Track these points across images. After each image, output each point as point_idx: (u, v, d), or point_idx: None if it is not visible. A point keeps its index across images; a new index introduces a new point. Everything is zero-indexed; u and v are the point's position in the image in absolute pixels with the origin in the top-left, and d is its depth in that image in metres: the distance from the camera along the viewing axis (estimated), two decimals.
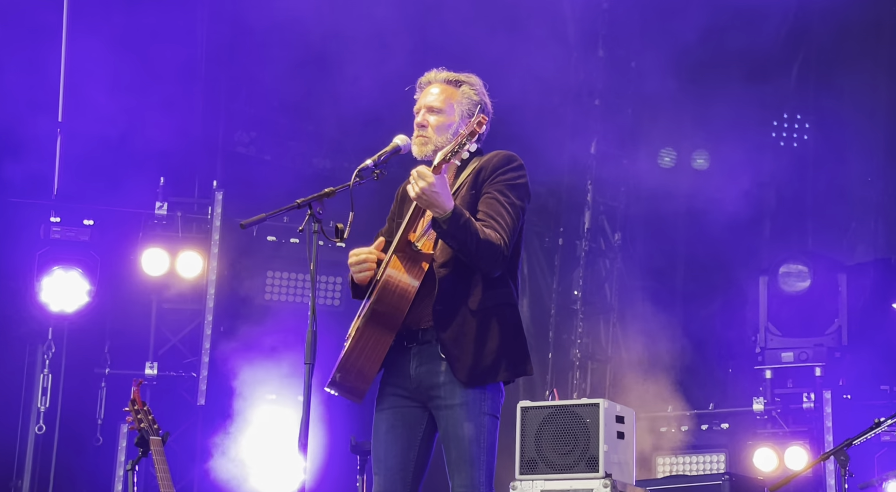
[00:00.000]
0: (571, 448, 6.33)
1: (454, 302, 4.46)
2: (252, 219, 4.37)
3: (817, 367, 9.37)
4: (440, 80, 4.68)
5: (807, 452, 9.14)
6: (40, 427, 8.76)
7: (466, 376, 4.43)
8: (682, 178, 10.71)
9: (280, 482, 9.28)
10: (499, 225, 4.43)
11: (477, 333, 4.45)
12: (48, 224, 8.89)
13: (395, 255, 4.47)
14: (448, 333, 4.44)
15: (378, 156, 4.48)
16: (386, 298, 4.42)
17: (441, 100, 4.62)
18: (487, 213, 4.46)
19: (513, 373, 4.54)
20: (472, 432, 4.43)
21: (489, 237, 4.38)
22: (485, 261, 4.40)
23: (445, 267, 4.48)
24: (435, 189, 4.26)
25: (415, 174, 4.31)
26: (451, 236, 4.33)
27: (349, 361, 4.45)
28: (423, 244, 4.49)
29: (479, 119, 4.31)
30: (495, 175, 4.54)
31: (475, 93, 4.66)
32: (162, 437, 6.23)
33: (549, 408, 6.48)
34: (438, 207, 4.29)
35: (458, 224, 4.31)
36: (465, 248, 4.36)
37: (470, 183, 4.56)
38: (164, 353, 9.15)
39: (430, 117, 4.60)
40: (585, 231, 10.89)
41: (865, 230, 10.22)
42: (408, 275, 4.43)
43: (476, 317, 4.46)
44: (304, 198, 4.30)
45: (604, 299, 10.90)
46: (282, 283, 9.67)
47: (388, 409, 4.57)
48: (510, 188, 4.52)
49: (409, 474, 4.55)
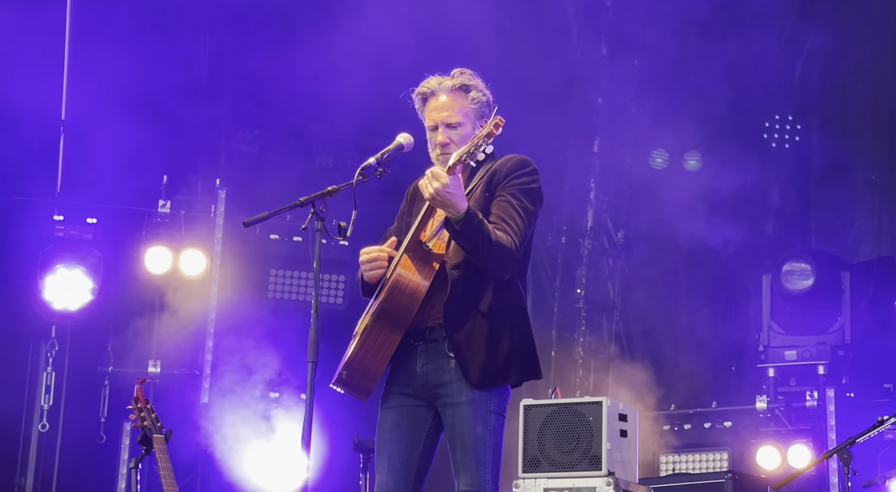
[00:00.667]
0: (574, 446, 6.34)
1: (466, 304, 4.47)
2: (255, 217, 4.37)
3: (820, 365, 9.37)
4: (446, 89, 4.63)
5: (810, 450, 9.14)
6: (44, 425, 8.77)
7: (478, 378, 4.43)
8: (684, 175, 10.71)
9: (283, 480, 9.28)
10: (510, 228, 4.43)
11: (488, 336, 4.45)
12: (52, 222, 8.90)
13: (406, 254, 4.47)
14: (460, 334, 4.45)
15: (381, 154, 4.47)
16: (395, 298, 4.42)
17: (456, 112, 4.59)
18: (500, 216, 4.46)
19: (523, 376, 4.55)
20: (478, 430, 4.44)
21: (500, 240, 4.38)
22: (495, 263, 4.40)
23: (458, 269, 4.48)
24: (449, 190, 4.25)
25: (429, 174, 4.29)
26: (463, 237, 4.33)
27: (356, 360, 4.45)
28: (435, 244, 4.48)
29: (497, 121, 4.28)
30: (509, 179, 4.54)
31: (482, 95, 4.65)
32: (165, 435, 6.23)
33: (552, 406, 6.48)
34: (452, 207, 4.28)
35: (471, 225, 4.30)
36: (476, 249, 4.35)
37: (484, 185, 4.56)
38: (167, 351, 9.15)
39: (452, 134, 4.58)
40: (588, 229, 10.89)
41: (869, 228, 10.22)
42: (418, 275, 4.43)
43: (487, 319, 4.46)
44: (307, 196, 4.30)
45: (606, 297, 10.89)
46: (285, 281, 9.67)
47: (394, 407, 4.57)
48: (523, 192, 4.53)
49: (412, 473, 4.55)
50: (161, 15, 9.17)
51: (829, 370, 9.35)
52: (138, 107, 9.10)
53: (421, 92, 4.68)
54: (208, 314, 9.17)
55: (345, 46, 9.26)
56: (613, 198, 10.99)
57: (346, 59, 9.24)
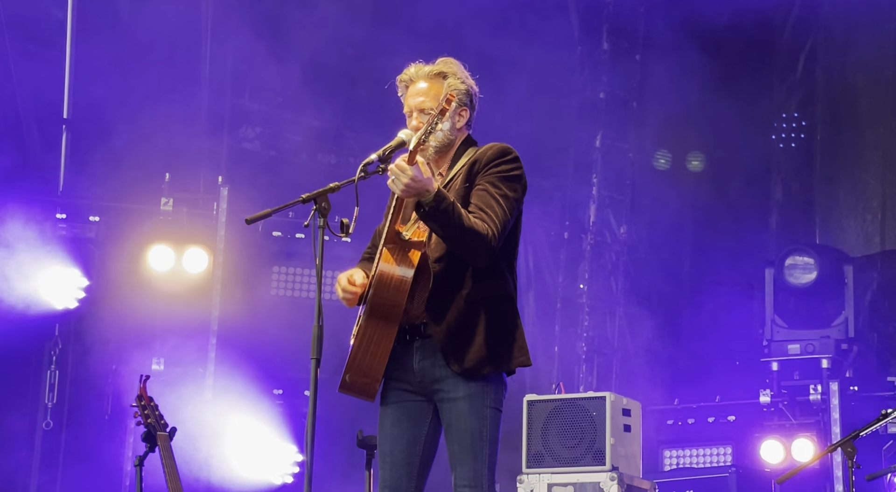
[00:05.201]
0: (578, 441, 6.34)
1: (448, 294, 4.46)
2: (257, 214, 4.36)
3: (824, 359, 9.37)
4: (423, 75, 4.63)
5: (814, 444, 9.14)
6: (48, 423, 8.78)
7: (460, 366, 4.43)
8: (687, 171, 10.70)
9: (287, 477, 9.29)
10: (488, 216, 4.41)
11: (470, 325, 4.44)
12: (54, 221, 8.91)
13: (386, 247, 4.47)
14: (442, 325, 4.44)
15: (383, 151, 4.46)
16: (382, 293, 4.42)
17: (430, 98, 4.58)
18: (477, 205, 4.44)
19: (508, 364, 4.53)
20: (474, 424, 4.43)
21: (475, 226, 4.36)
22: (470, 250, 4.38)
23: (440, 262, 4.48)
24: (417, 178, 4.26)
25: (394, 170, 4.29)
26: (432, 219, 4.31)
27: (356, 361, 4.45)
28: (414, 233, 4.49)
29: (448, 96, 4.30)
30: (489, 167, 4.52)
31: (461, 82, 4.64)
32: (169, 432, 6.24)
33: (555, 401, 6.49)
34: (424, 193, 4.29)
35: (440, 208, 4.29)
36: (448, 233, 4.33)
37: (464, 175, 4.55)
38: (171, 348, 9.16)
39: (424, 118, 4.58)
40: (591, 225, 10.89)
41: (872, 222, 10.21)
42: (399, 266, 4.43)
43: (470, 308, 4.45)
44: (310, 193, 4.29)
45: (609, 293, 10.89)
46: (287, 278, 9.67)
47: (393, 403, 4.58)
48: (502, 180, 4.50)
49: (415, 469, 4.55)
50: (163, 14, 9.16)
51: (832, 364, 9.35)
52: (140, 104, 9.11)
53: (402, 80, 4.69)
54: (211, 312, 9.17)
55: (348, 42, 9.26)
56: (616, 193, 10.99)
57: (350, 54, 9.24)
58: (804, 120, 10.60)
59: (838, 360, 9.37)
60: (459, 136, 4.65)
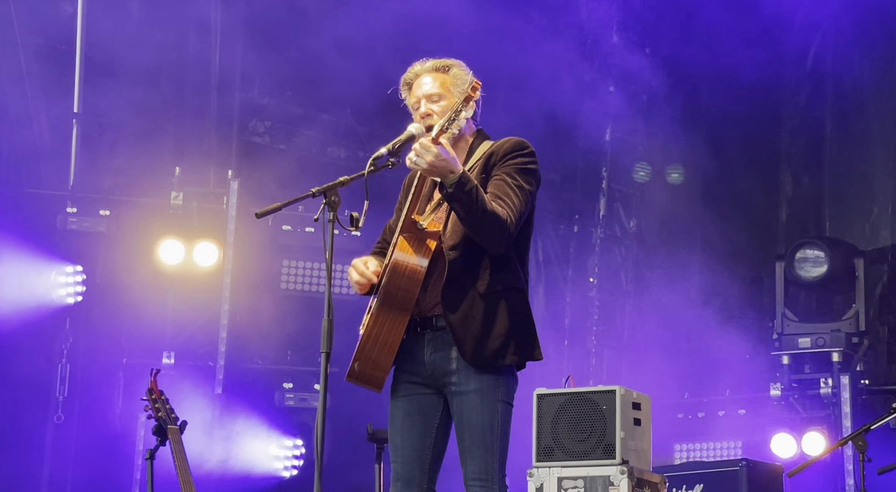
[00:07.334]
0: (588, 435, 6.33)
1: (463, 285, 4.47)
2: (267, 208, 4.37)
3: (835, 352, 9.36)
4: (428, 70, 4.68)
5: (824, 437, 9.13)
6: (59, 417, 8.80)
7: (473, 358, 4.43)
8: (697, 164, 10.69)
9: (297, 470, 9.31)
10: (506, 204, 4.43)
11: (484, 316, 4.45)
12: (65, 215, 8.92)
13: (402, 236, 4.48)
14: (456, 315, 4.45)
15: (392, 144, 4.46)
16: (395, 281, 4.43)
17: (437, 86, 4.62)
18: (495, 193, 4.46)
19: (521, 357, 4.54)
20: (485, 418, 4.44)
21: (496, 210, 4.37)
22: (489, 234, 4.39)
23: (455, 250, 4.49)
24: (442, 156, 4.27)
25: (417, 149, 4.30)
26: (456, 201, 4.32)
27: (365, 350, 4.46)
28: (430, 223, 4.49)
29: (473, 84, 4.36)
30: (506, 159, 4.54)
31: (465, 71, 4.67)
32: (179, 426, 6.25)
33: (565, 395, 6.48)
34: (449, 172, 4.29)
35: (465, 189, 4.29)
36: (470, 216, 4.33)
37: (480, 167, 4.56)
38: (181, 342, 9.17)
39: (433, 106, 4.60)
40: (601, 218, 10.88)
41: (883, 215, 10.18)
42: (415, 255, 4.44)
43: (484, 300, 4.46)
44: (320, 187, 4.30)
45: (619, 286, 10.89)
46: (297, 272, 9.67)
47: (404, 396, 4.58)
48: (519, 172, 4.52)
49: (427, 462, 4.55)
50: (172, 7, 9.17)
51: (843, 358, 9.33)
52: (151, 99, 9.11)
53: (406, 79, 4.72)
54: (221, 306, 9.18)
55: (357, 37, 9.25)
56: (625, 186, 10.98)
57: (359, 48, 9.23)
58: (814, 113, 10.57)
59: (849, 353, 9.36)
60: (468, 128, 4.66)
